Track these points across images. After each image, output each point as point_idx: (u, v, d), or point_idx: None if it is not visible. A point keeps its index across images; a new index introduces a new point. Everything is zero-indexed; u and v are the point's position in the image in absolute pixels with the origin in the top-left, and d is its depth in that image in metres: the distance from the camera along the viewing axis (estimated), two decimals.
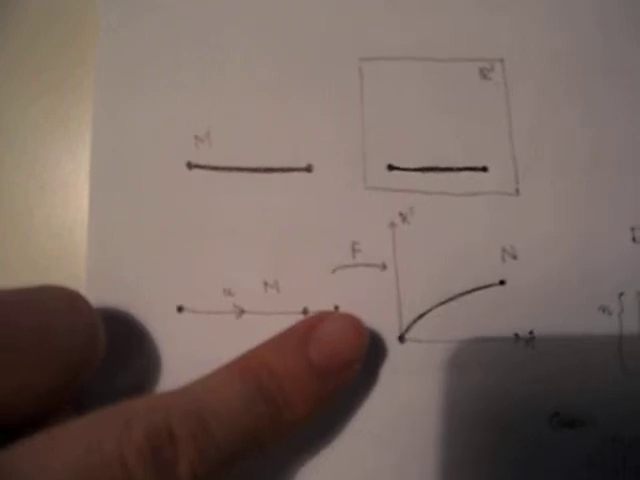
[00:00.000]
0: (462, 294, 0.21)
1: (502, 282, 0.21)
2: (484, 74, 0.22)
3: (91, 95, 0.22)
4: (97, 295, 0.20)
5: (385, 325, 0.21)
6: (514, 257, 0.21)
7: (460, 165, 0.22)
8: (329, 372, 0.18)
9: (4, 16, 0.24)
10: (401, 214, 0.21)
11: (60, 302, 0.17)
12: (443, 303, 0.21)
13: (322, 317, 0.19)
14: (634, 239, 0.21)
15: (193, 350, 0.20)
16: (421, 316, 0.21)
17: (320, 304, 0.21)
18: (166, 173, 0.21)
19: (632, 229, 0.21)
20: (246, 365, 0.18)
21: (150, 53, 0.22)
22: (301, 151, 0.22)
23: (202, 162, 0.22)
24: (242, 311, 0.21)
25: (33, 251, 0.22)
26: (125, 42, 0.22)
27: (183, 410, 0.16)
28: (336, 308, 0.21)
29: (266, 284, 0.21)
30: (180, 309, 0.21)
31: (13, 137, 0.23)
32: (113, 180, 0.21)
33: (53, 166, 0.23)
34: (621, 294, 0.21)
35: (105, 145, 0.22)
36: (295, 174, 0.22)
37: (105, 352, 0.18)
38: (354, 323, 0.19)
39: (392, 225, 0.21)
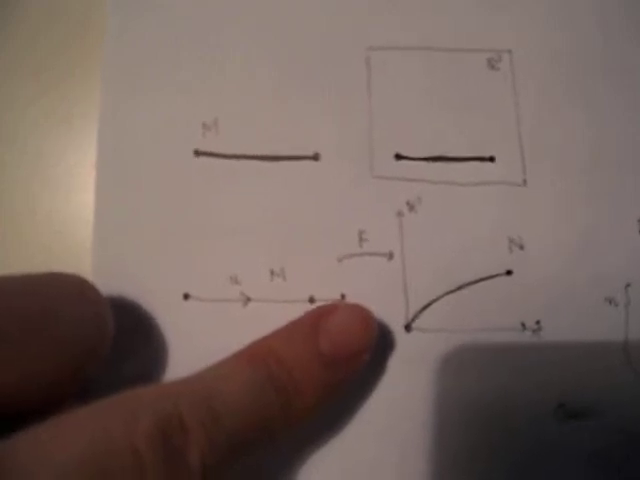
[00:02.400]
0: (469, 284, 0.21)
1: (509, 272, 0.21)
2: (492, 64, 0.22)
3: (94, 92, 0.22)
4: (103, 282, 0.19)
5: (391, 314, 0.21)
6: (521, 247, 0.21)
7: (467, 155, 0.22)
8: (338, 362, 0.18)
9: (4, 16, 0.24)
10: (408, 203, 0.21)
11: (69, 290, 0.17)
12: (450, 293, 0.21)
13: (331, 307, 0.19)
14: None
15: (199, 338, 0.20)
16: (427, 305, 0.21)
17: (326, 293, 0.21)
18: (173, 161, 0.21)
19: (639, 220, 0.21)
20: (255, 354, 0.18)
21: (156, 50, 0.22)
22: (308, 140, 0.22)
23: (209, 150, 0.22)
24: (248, 299, 0.21)
25: (36, 247, 0.22)
26: (130, 40, 0.22)
27: (193, 398, 0.15)
28: (343, 297, 0.21)
29: (272, 272, 0.21)
30: (186, 297, 0.21)
31: (15, 135, 0.23)
32: (120, 169, 0.21)
33: (56, 163, 0.23)
34: (627, 285, 0.21)
35: (112, 134, 0.22)
36: (302, 162, 0.22)
37: (113, 342, 0.18)
38: (363, 314, 0.19)
39: (399, 214, 0.21)
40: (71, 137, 0.23)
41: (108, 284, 0.20)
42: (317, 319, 0.19)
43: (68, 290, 0.17)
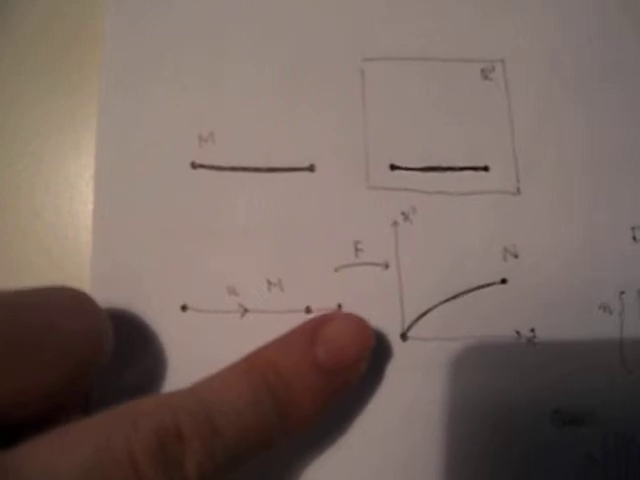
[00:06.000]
0: (464, 292, 0.21)
1: (504, 281, 0.21)
2: (485, 74, 0.22)
3: (96, 96, 0.22)
4: (102, 294, 0.20)
5: (387, 323, 0.21)
6: (515, 256, 0.21)
7: (462, 165, 0.22)
8: (335, 371, 0.18)
9: (6, 17, 0.24)
10: (403, 213, 0.21)
11: (67, 303, 0.17)
12: (445, 301, 0.21)
13: (328, 317, 0.19)
14: (634, 238, 0.21)
15: (197, 349, 0.21)
16: (423, 314, 0.21)
17: (323, 303, 0.21)
18: (170, 173, 0.22)
19: (632, 228, 0.22)
20: (253, 364, 0.18)
21: (154, 55, 0.22)
22: (304, 151, 0.22)
23: (206, 162, 0.22)
24: (246, 310, 0.21)
25: (38, 252, 0.22)
26: (129, 43, 0.22)
27: (191, 409, 0.16)
28: (339, 307, 0.21)
29: (270, 283, 0.21)
30: (184, 308, 0.21)
31: (18, 138, 0.23)
32: (117, 180, 0.22)
33: (58, 167, 0.23)
34: (622, 293, 0.21)
35: (109, 146, 0.22)
36: (298, 174, 0.22)
37: (112, 353, 0.18)
38: (360, 323, 0.19)
39: (394, 224, 0.21)
40: (74, 140, 0.23)
41: (106, 295, 0.20)
42: (314, 328, 0.19)
43: (67, 303, 0.17)
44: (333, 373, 0.18)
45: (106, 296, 0.20)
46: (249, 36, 0.23)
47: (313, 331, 0.19)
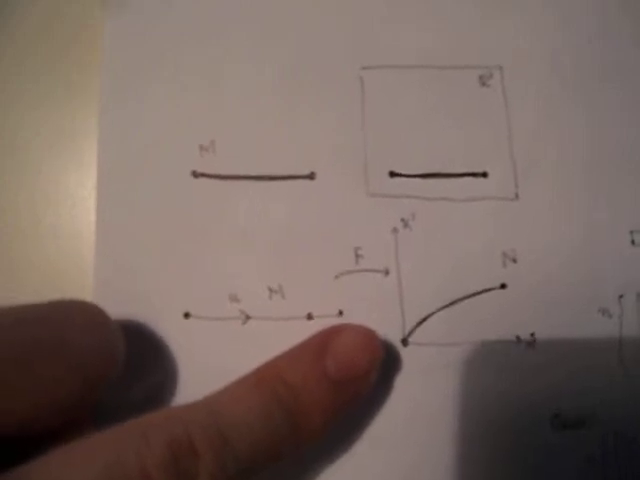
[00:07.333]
0: (464, 298, 0.21)
1: (503, 286, 0.21)
2: (483, 81, 0.22)
3: (95, 97, 0.22)
4: (105, 303, 0.20)
5: (388, 329, 0.21)
6: (514, 261, 0.21)
7: (460, 171, 0.22)
8: (345, 383, 0.18)
9: (6, 17, 0.24)
10: (403, 220, 0.22)
11: (79, 318, 0.17)
12: (445, 307, 0.21)
13: (337, 329, 0.19)
14: (633, 242, 0.22)
15: (200, 356, 0.21)
16: (424, 320, 0.21)
17: (324, 309, 0.21)
18: (172, 182, 0.22)
19: (631, 232, 0.22)
20: (263, 377, 0.18)
21: (154, 55, 0.23)
22: (304, 159, 0.22)
23: (207, 171, 0.22)
24: (248, 317, 0.21)
25: (40, 261, 0.22)
26: (129, 43, 0.23)
27: (202, 423, 0.16)
28: (340, 313, 0.21)
29: (271, 290, 0.21)
30: (187, 315, 0.21)
31: (17, 147, 0.23)
32: (119, 189, 0.22)
33: (58, 176, 0.23)
34: (621, 296, 0.21)
35: (111, 155, 0.22)
36: (298, 181, 0.22)
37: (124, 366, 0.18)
38: (368, 334, 0.19)
39: (394, 231, 0.22)
40: (75, 149, 0.23)
41: (109, 304, 0.20)
42: (323, 341, 0.19)
43: (79, 318, 0.17)
44: (343, 385, 0.18)
45: (109, 304, 0.20)
46: (249, 45, 0.23)
47: (322, 344, 0.19)
